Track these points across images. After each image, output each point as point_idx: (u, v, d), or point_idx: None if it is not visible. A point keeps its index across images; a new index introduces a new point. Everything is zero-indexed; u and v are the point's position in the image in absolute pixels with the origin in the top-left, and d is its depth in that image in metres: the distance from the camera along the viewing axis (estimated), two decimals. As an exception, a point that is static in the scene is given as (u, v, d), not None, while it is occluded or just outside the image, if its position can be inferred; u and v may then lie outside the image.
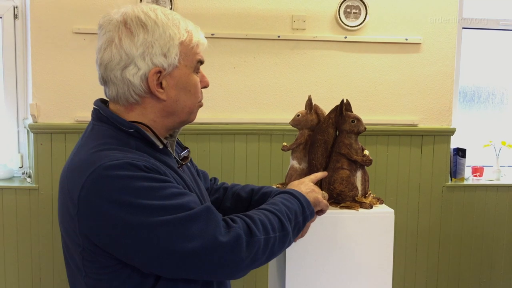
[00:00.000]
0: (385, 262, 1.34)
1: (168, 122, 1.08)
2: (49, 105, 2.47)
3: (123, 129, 1.02)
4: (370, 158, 1.36)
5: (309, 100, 1.49)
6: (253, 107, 2.61)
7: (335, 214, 1.31)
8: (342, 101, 1.40)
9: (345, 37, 2.62)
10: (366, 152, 1.38)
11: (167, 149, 1.08)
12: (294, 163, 1.48)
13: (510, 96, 3.07)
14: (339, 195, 1.35)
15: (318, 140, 1.41)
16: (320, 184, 1.38)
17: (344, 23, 2.59)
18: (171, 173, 1.03)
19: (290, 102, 2.62)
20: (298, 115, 1.48)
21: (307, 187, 1.20)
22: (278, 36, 2.57)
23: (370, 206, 1.36)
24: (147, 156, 1.00)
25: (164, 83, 1.03)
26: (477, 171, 2.92)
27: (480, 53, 3.01)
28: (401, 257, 2.79)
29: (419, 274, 2.83)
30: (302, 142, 1.47)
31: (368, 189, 1.41)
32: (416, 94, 2.71)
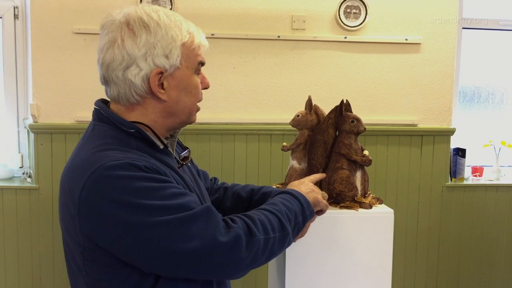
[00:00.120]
0: (384, 262, 1.34)
1: (169, 122, 1.08)
2: (49, 105, 2.47)
3: (124, 129, 1.03)
4: (369, 158, 1.37)
5: (309, 101, 1.49)
6: (253, 107, 2.62)
7: (334, 214, 1.31)
8: (341, 101, 1.40)
9: (345, 37, 2.62)
10: (365, 152, 1.38)
11: (168, 149, 1.09)
12: (294, 163, 1.48)
13: (510, 96, 3.07)
14: (339, 195, 1.35)
15: (318, 140, 1.41)
16: (320, 184, 1.38)
17: (344, 23, 2.60)
18: (172, 173, 1.04)
19: (290, 102, 2.62)
20: (298, 115, 1.49)
21: (307, 187, 1.20)
22: (278, 36, 2.58)
23: (370, 206, 1.36)
24: (147, 157, 1.00)
25: (165, 84, 1.03)
26: (477, 171, 2.92)
27: (480, 53, 3.01)
28: (400, 257, 2.79)
29: (418, 274, 2.84)
30: (302, 142, 1.47)
31: (368, 189, 1.42)
32: (416, 94, 2.71)
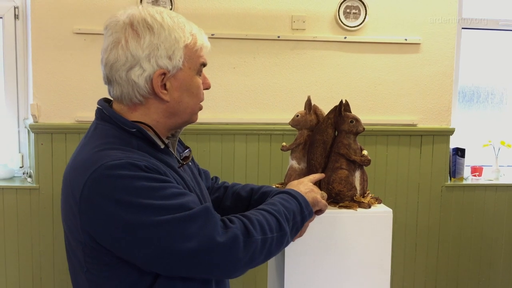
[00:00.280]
0: (383, 261, 1.34)
1: (171, 122, 1.09)
2: (49, 105, 2.48)
3: (126, 128, 1.04)
4: (368, 158, 1.37)
5: (308, 101, 1.49)
6: (253, 107, 2.62)
7: (333, 213, 1.32)
8: (341, 101, 1.41)
9: (345, 37, 2.62)
10: (364, 152, 1.38)
11: (169, 149, 1.10)
12: (293, 163, 1.49)
13: (509, 96, 3.08)
14: (338, 194, 1.36)
15: (317, 140, 1.42)
16: (319, 184, 1.38)
17: (343, 24, 2.60)
18: (172, 173, 1.05)
19: (290, 102, 2.62)
20: (297, 116, 1.49)
21: (306, 187, 1.21)
22: (278, 37, 2.58)
23: (369, 206, 1.36)
24: (148, 156, 1.01)
25: (168, 84, 1.05)
26: (476, 170, 2.93)
27: (480, 53, 3.01)
28: (400, 256, 2.80)
29: (418, 274, 2.84)
30: (301, 142, 1.48)
31: (367, 189, 1.42)
32: (416, 94, 2.72)
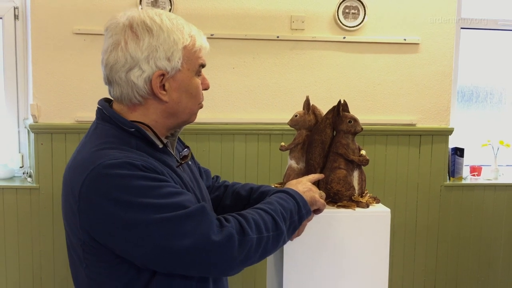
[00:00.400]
0: (381, 261, 1.35)
1: (170, 122, 1.11)
2: (49, 105, 2.48)
3: (125, 128, 1.06)
4: (366, 158, 1.38)
5: (307, 101, 1.50)
6: (252, 107, 2.63)
7: (332, 213, 1.33)
8: (339, 101, 1.41)
9: (344, 38, 2.63)
10: (363, 152, 1.39)
11: (167, 148, 1.12)
12: (292, 163, 1.49)
13: (508, 96, 3.08)
14: (336, 194, 1.37)
15: (316, 140, 1.42)
16: (317, 183, 1.39)
17: (342, 24, 2.61)
18: (169, 172, 1.07)
19: (289, 102, 2.63)
20: (296, 116, 1.50)
21: (305, 186, 1.22)
22: (277, 37, 2.59)
23: (367, 206, 1.37)
24: (146, 156, 1.03)
25: (167, 85, 1.07)
26: (475, 170, 2.94)
27: (479, 53, 3.02)
28: (399, 256, 2.80)
29: (417, 273, 2.85)
30: (300, 142, 1.48)
31: (365, 189, 1.43)
32: (415, 94, 2.72)
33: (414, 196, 2.79)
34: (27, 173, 2.63)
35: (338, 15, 2.60)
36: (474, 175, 2.93)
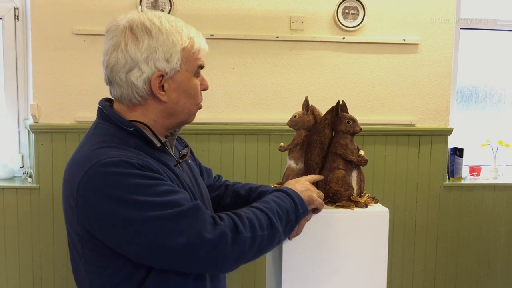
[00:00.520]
0: (380, 260, 1.35)
1: (168, 122, 1.13)
2: (49, 105, 2.49)
3: (124, 128, 1.08)
4: (365, 158, 1.38)
5: (306, 101, 1.50)
6: (252, 107, 2.63)
7: (330, 213, 1.33)
8: (338, 102, 1.42)
9: (343, 38, 2.63)
10: (361, 152, 1.39)
11: (165, 147, 1.14)
12: (291, 163, 1.50)
13: (507, 96, 3.09)
14: (335, 194, 1.37)
15: (315, 141, 1.43)
16: (316, 184, 1.39)
17: (342, 24, 2.61)
18: (166, 171, 1.09)
19: (289, 103, 2.63)
20: (295, 116, 1.50)
21: (302, 185, 1.22)
22: (277, 37, 2.59)
23: (365, 205, 1.37)
24: (143, 155, 1.05)
25: (165, 86, 1.09)
26: (475, 170, 2.94)
27: (478, 53, 3.02)
28: (399, 256, 2.81)
29: (416, 273, 2.85)
30: (299, 143, 1.49)
31: (364, 189, 1.43)
32: (414, 94, 2.73)
33: (414, 196, 2.79)
34: (27, 173, 2.64)
35: (337, 16, 2.61)
36: (473, 175, 2.94)
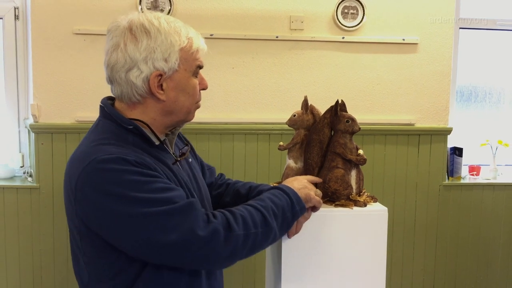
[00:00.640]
0: (379, 260, 1.36)
1: (167, 120, 1.16)
2: (49, 105, 2.49)
3: (123, 125, 1.11)
4: (364, 157, 1.38)
5: (305, 101, 1.51)
6: (251, 107, 2.64)
7: (329, 212, 1.33)
8: (337, 101, 1.42)
9: (343, 38, 2.64)
10: (360, 152, 1.40)
11: (164, 145, 1.16)
12: (291, 162, 1.50)
13: (506, 96, 3.09)
14: (334, 193, 1.37)
15: (314, 140, 1.43)
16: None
17: (341, 24, 2.62)
18: (163, 168, 1.11)
19: (289, 102, 2.64)
20: (294, 115, 1.51)
21: (300, 183, 1.23)
22: (276, 37, 2.60)
23: (364, 204, 1.38)
24: (141, 152, 1.08)
25: (164, 85, 1.11)
26: (474, 170, 2.94)
27: (477, 52, 3.03)
28: (398, 255, 2.81)
29: (416, 272, 2.86)
30: (298, 142, 1.49)
31: (363, 188, 1.43)
32: (413, 93, 2.73)
33: (413, 196, 2.80)
34: (28, 173, 2.64)
35: (337, 15, 2.61)
36: (472, 175, 2.94)
